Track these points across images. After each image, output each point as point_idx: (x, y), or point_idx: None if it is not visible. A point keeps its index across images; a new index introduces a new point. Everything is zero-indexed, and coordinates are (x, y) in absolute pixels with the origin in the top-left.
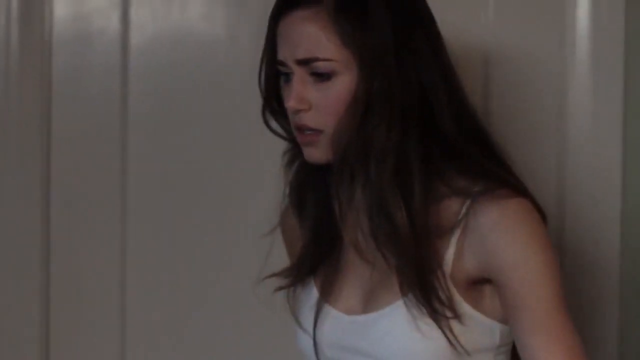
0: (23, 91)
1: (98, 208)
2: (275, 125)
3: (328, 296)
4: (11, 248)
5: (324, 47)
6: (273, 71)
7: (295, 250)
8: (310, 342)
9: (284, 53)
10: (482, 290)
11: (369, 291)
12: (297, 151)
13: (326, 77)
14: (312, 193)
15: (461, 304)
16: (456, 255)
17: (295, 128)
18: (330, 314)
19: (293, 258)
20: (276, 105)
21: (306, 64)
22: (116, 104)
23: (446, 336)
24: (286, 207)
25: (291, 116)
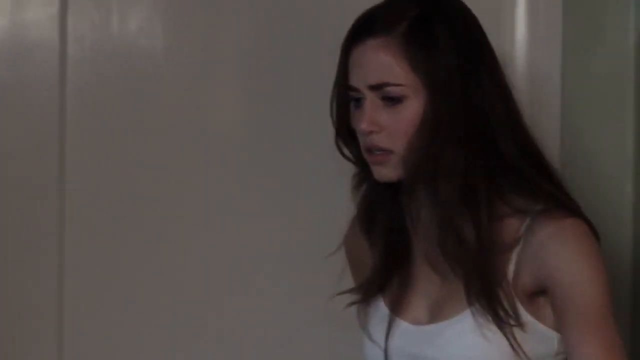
0: None
1: (35, 219)
2: (346, 151)
3: (397, 309)
4: None
5: (395, 74)
6: (344, 99)
7: (358, 268)
8: (379, 353)
9: (357, 79)
10: (539, 301)
11: (435, 303)
12: (364, 174)
13: (397, 101)
14: (382, 213)
15: (523, 313)
16: (516, 269)
17: (365, 149)
18: (399, 326)
19: (357, 275)
20: (346, 131)
21: (378, 89)
22: (54, 116)
23: (510, 343)
24: (350, 228)
25: (362, 138)
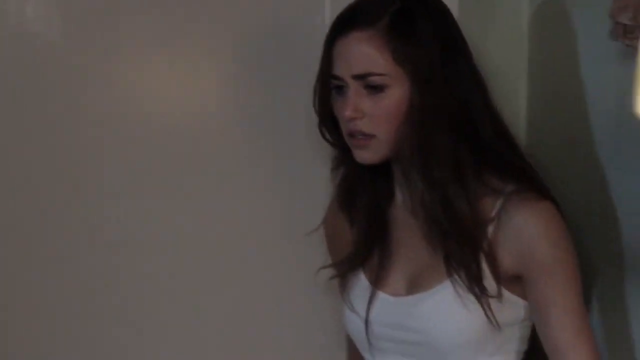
0: None
1: None
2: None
3: (377, 282)
4: None
5: (379, 64)
6: (326, 88)
7: (335, 245)
8: (359, 323)
9: (341, 69)
10: (512, 276)
11: (414, 276)
12: (343, 157)
13: (379, 89)
14: (361, 192)
15: (497, 285)
16: (493, 245)
17: (348, 134)
18: (378, 297)
19: (335, 253)
20: (328, 118)
21: (362, 79)
22: None
23: (485, 312)
24: (329, 210)
25: (345, 124)
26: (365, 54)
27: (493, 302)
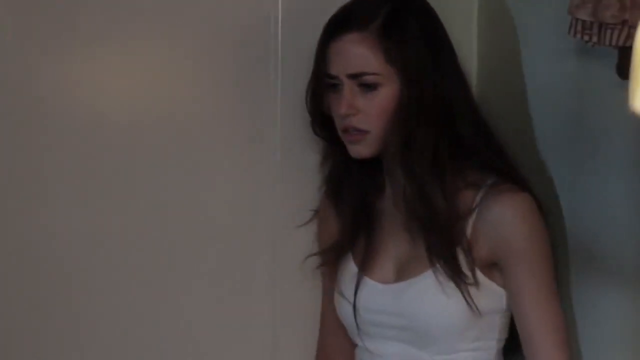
0: None
1: None
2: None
3: (366, 269)
4: None
5: (372, 64)
6: (320, 86)
7: (324, 235)
8: (349, 308)
9: (336, 68)
10: (492, 265)
11: (401, 264)
12: (332, 150)
13: (372, 88)
14: (349, 184)
15: (477, 274)
16: (472, 236)
17: (342, 130)
18: (367, 284)
19: (323, 242)
20: (320, 115)
21: (356, 78)
22: None
23: (465, 299)
24: (321, 203)
25: (339, 120)
26: (359, 55)
27: (472, 290)
